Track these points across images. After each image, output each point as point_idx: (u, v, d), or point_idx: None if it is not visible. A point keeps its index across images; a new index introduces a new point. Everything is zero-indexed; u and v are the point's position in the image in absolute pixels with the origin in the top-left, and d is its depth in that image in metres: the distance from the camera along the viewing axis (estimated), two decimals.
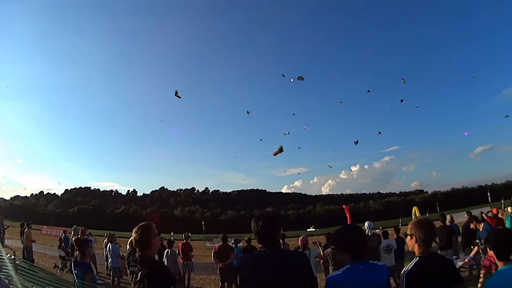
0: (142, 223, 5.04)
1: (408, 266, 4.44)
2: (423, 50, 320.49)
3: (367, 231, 13.87)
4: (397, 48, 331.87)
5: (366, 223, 14.08)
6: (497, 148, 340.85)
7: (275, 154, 38.15)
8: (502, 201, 67.50)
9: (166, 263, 16.19)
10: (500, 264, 4.52)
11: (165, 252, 16.55)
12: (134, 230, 4.89)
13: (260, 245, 4.16)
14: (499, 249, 4.56)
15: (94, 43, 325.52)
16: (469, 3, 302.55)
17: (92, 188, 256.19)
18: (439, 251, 13.62)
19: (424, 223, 4.61)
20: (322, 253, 13.53)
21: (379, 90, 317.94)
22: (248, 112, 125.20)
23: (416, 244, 4.52)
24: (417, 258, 4.46)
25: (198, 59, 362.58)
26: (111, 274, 17.59)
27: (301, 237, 13.66)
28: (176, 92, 45.82)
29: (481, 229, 14.35)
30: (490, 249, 4.67)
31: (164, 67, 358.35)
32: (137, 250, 4.90)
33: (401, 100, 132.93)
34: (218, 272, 15.73)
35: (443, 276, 4.27)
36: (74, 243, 13.56)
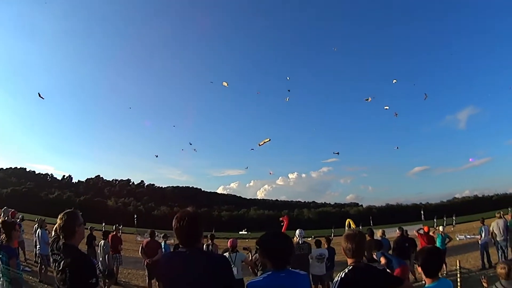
0: (68, 210, 4.90)
1: (342, 272, 4.55)
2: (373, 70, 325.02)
3: (297, 239, 13.98)
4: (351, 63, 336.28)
5: (297, 231, 14.18)
6: (434, 169, 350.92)
7: (261, 144, 38.68)
8: (435, 220, 69.82)
9: (100, 255, 15.95)
10: (428, 281, 4.77)
11: (99, 243, 16.28)
12: (59, 217, 4.74)
13: (181, 245, 4.10)
14: (428, 267, 4.75)
15: (52, 17, 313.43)
16: (425, 29, 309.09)
17: (27, 170, 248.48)
18: None
19: (354, 235, 4.74)
20: (250, 258, 13.57)
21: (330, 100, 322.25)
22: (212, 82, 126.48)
23: (347, 255, 4.67)
24: (351, 266, 4.59)
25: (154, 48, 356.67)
26: (39, 261, 16.93)
27: (231, 239, 13.67)
28: (39, 94, 46.71)
29: None
30: (419, 266, 4.80)
31: (124, 52, 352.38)
32: (61, 237, 4.74)
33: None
34: (145, 268, 15.58)
35: (377, 282, 4.45)
36: (0, 226, 13.08)
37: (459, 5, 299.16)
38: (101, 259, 16.21)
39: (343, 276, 4.52)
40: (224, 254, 12.40)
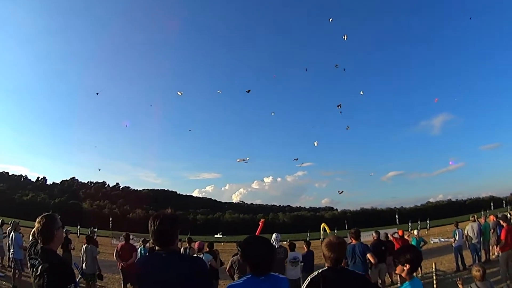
0: (46, 213, 4.82)
1: (315, 272, 4.68)
2: (354, 75, 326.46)
3: (274, 243, 13.95)
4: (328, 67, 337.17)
5: (273, 235, 14.10)
6: (408, 174, 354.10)
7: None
8: (409, 223, 70.43)
9: (84, 259, 15.70)
10: (408, 278, 4.85)
11: (84, 247, 16.05)
12: (37, 220, 4.66)
13: (157, 247, 4.05)
14: (415, 265, 4.91)
15: (31, 12, 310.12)
16: (400, 31, 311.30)
17: (0, 171, 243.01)
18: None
19: (337, 245, 4.74)
20: (216, 261, 13.74)
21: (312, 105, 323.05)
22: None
23: (326, 261, 4.72)
24: (326, 267, 4.72)
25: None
26: (13, 266, 16.64)
27: (198, 242, 14.32)
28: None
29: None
30: (406, 264, 4.83)
31: (102, 53, 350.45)
32: (39, 241, 4.65)
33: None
34: (120, 272, 15.44)
35: (352, 285, 4.56)
36: None
37: (434, 6, 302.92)
38: (85, 263, 15.52)
39: (315, 274, 4.63)
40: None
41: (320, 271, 4.64)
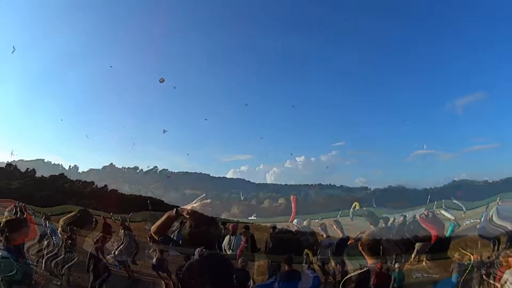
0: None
1: (353, 274, 4.77)
2: (390, 48, 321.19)
3: (297, 227, 14.20)
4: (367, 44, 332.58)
5: (295, 220, 14.40)
6: (438, 154, 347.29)
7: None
8: (435, 202, 68.75)
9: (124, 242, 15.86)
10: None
11: (123, 232, 16.13)
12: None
13: None
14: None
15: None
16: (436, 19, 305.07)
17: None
18: None
19: (374, 242, 4.89)
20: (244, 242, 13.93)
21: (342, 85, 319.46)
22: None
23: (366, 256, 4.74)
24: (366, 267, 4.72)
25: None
26: None
27: (232, 224, 14.77)
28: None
29: None
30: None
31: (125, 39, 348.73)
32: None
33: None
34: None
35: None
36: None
37: None
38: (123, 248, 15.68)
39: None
40: (226, 236, 13.27)
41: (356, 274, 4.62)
